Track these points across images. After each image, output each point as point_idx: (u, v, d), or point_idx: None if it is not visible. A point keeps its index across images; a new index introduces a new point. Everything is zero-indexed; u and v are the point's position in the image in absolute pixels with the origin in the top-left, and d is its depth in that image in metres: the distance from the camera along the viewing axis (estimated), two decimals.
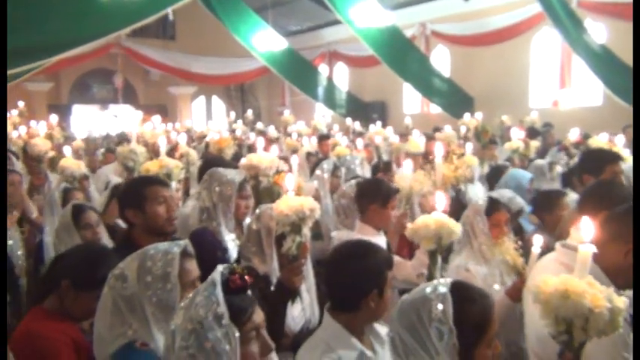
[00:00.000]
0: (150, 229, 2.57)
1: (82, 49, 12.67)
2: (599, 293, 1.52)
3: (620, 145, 4.97)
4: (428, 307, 1.54)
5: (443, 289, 1.57)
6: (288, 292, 2.28)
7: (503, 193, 3.32)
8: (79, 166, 4.78)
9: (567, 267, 1.99)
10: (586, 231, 1.64)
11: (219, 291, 1.42)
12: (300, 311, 2.52)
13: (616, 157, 3.33)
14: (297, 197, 2.31)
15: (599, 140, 5.53)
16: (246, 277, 1.51)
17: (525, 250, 2.70)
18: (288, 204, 2.27)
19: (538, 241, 2.44)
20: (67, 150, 5.30)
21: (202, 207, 2.99)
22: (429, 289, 1.59)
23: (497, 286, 2.81)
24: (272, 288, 2.39)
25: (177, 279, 1.72)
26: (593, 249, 1.60)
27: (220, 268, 1.50)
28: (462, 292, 1.58)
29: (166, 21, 16.96)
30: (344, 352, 1.89)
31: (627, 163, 4.16)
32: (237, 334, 1.39)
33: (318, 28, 16.67)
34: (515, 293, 2.56)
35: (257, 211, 2.63)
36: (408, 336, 1.55)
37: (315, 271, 2.68)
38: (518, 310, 2.57)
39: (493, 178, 4.83)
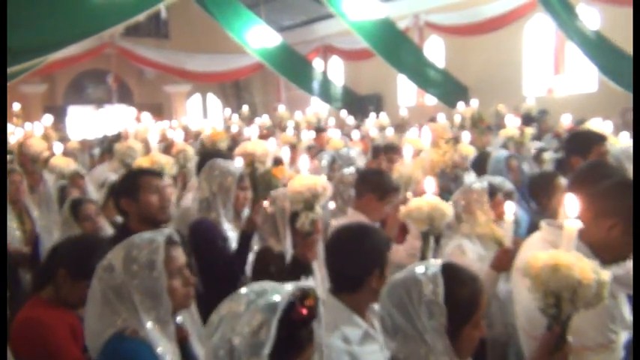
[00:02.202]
0: (144, 218, 2.66)
1: (75, 49, 12.72)
2: (587, 266, 1.55)
3: (609, 129, 4.99)
4: (419, 287, 1.57)
5: (434, 270, 1.60)
6: (302, 266, 2.40)
7: (492, 179, 3.34)
8: (68, 164, 4.83)
9: (553, 244, 2.00)
10: (571, 207, 1.65)
11: (274, 321, 1.26)
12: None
13: (602, 138, 3.36)
14: (310, 176, 2.46)
15: (592, 125, 5.55)
16: (316, 307, 1.34)
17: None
18: (301, 182, 2.41)
19: (510, 209, 2.49)
20: (57, 148, 5.34)
21: (202, 198, 3.02)
22: (420, 270, 1.62)
23: None
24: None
25: (162, 266, 1.73)
26: (579, 224, 1.62)
27: (291, 288, 1.33)
28: (452, 274, 1.61)
29: (159, 19, 16.99)
30: (350, 329, 1.94)
31: (617, 145, 4.19)
32: None
33: (311, 22, 16.64)
34: (498, 263, 2.60)
35: (270, 196, 2.73)
36: (398, 314, 1.58)
37: None
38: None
39: (478, 164, 4.82)
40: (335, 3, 11.20)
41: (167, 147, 6.02)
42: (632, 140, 4.53)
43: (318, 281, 2.64)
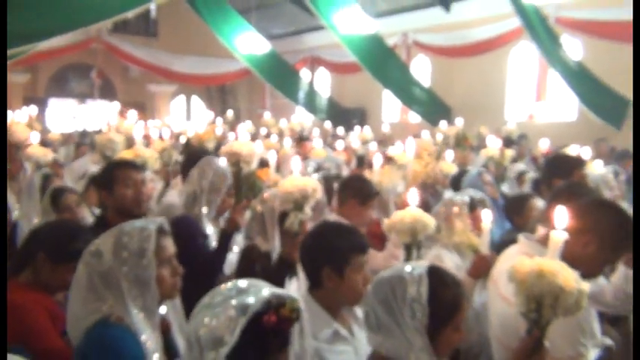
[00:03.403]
0: (119, 211, 2.68)
1: (60, 41, 12.57)
2: (570, 275, 1.63)
3: (588, 156, 5.13)
4: (404, 286, 1.63)
5: (420, 270, 1.66)
6: (288, 266, 2.44)
7: (474, 193, 3.42)
8: (45, 154, 4.80)
9: (530, 257, 2.08)
10: (559, 218, 1.72)
11: (242, 322, 1.28)
12: (297, 289, 2.62)
13: (583, 162, 3.49)
14: (301, 177, 2.52)
15: (571, 151, 5.69)
16: (289, 318, 1.33)
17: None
18: (292, 183, 2.47)
19: (487, 216, 2.55)
20: (34, 137, 5.32)
21: (189, 191, 3.04)
22: (406, 269, 1.67)
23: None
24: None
25: (153, 255, 1.74)
26: (565, 235, 1.69)
27: (268, 295, 1.33)
28: (437, 276, 1.67)
29: (149, 18, 16.88)
30: (318, 326, 1.95)
31: (595, 172, 4.31)
32: None
33: (301, 32, 16.75)
34: (474, 270, 2.66)
35: (260, 196, 2.82)
36: (382, 311, 1.63)
37: None
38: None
39: (455, 181, 4.93)
40: (326, 15, 11.30)
41: (146, 144, 6.01)
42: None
43: (301, 282, 2.67)
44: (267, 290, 1.35)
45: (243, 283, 1.39)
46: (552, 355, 1.82)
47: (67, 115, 16.58)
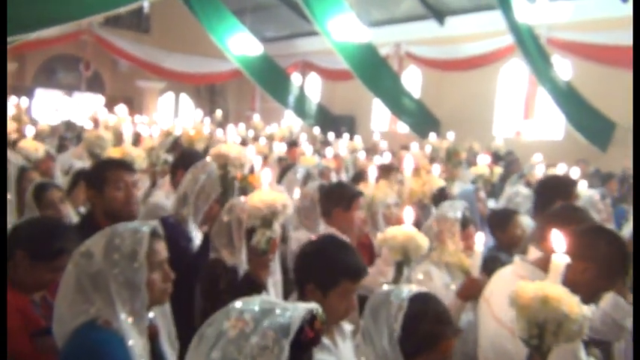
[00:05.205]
0: (108, 212, 2.60)
1: (50, 31, 12.38)
2: (574, 301, 1.61)
3: (576, 177, 5.17)
4: (387, 307, 1.66)
5: (405, 296, 1.67)
6: (255, 285, 2.29)
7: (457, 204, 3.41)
8: (37, 149, 4.69)
9: (524, 279, 2.07)
10: (559, 243, 1.72)
11: (287, 344, 1.19)
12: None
13: (576, 181, 3.55)
14: (270, 192, 2.33)
15: (559, 171, 5.74)
16: (322, 330, 1.28)
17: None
18: (261, 198, 2.28)
19: (480, 239, 2.55)
20: (29, 131, 5.18)
21: (180, 193, 2.99)
22: (394, 293, 1.70)
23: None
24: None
25: (144, 258, 1.70)
26: (567, 259, 1.68)
27: (303, 311, 1.26)
28: (419, 305, 1.67)
29: (141, 13, 16.81)
30: None
31: (584, 193, 4.34)
32: None
33: (294, 37, 16.75)
34: (465, 292, 2.64)
35: (228, 203, 2.65)
36: (372, 325, 1.67)
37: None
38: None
39: (438, 198, 4.93)
40: (321, 21, 11.31)
41: (135, 141, 5.94)
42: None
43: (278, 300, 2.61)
44: (298, 306, 1.28)
45: (256, 303, 1.29)
46: None
47: (52, 106, 16.36)
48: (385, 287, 1.74)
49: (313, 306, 1.30)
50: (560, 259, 1.69)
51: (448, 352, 1.67)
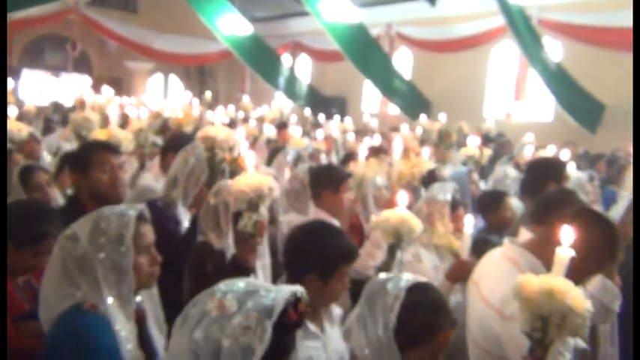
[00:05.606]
0: (93, 195, 2.58)
1: (36, 10, 12.23)
2: (579, 294, 1.59)
3: (566, 159, 5.18)
4: (384, 296, 1.63)
5: (403, 285, 1.64)
6: (242, 269, 2.27)
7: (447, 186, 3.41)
8: (20, 130, 4.61)
9: (513, 262, 2.08)
10: (565, 235, 1.70)
11: (270, 325, 1.20)
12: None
13: (566, 163, 3.58)
14: (256, 175, 2.31)
15: (548, 154, 5.75)
16: (306, 313, 1.29)
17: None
18: (247, 181, 2.26)
19: (469, 221, 2.55)
20: (12, 111, 5.11)
21: (171, 175, 2.97)
22: (392, 281, 1.67)
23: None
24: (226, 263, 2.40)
25: (131, 242, 1.68)
26: (572, 252, 1.67)
27: (287, 293, 1.26)
28: (417, 296, 1.64)
29: None
30: None
31: (573, 175, 4.36)
32: None
33: (284, 17, 16.58)
34: (454, 273, 2.65)
35: (215, 186, 2.63)
36: (368, 313, 1.65)
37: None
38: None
39: (428, 180, 4.92)
40: (311, 1, 11.21)
41: (123, 123, 5.88)
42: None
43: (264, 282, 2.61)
44: (282, 288, 1.29)
45: (240, 284, 1.29)
46: None
47: (38, 87, 16.14)
48: (382, 275, 1.72)
49: (297, 288, 1.30)
50: (565, 252, 1.67)
51: (444, 343, 1.65)
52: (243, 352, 1.19)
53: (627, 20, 8.01)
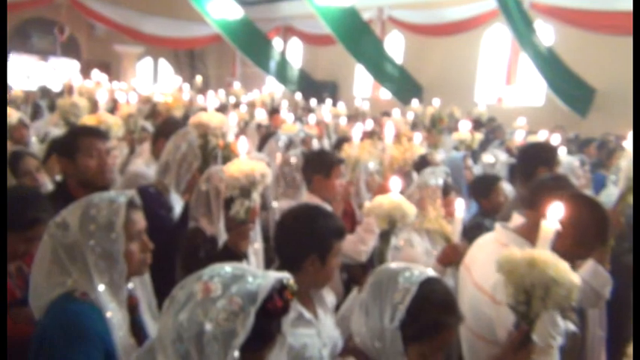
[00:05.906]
0: (81, 181, 2.55)
1: None
2: (562, 266, 1.58)
3: (557, 143, 5.19)
4: (394, 287, 1.61)
5: (415, 279, 1.62)
6: (234, 255, 2.26)
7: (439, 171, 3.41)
8: (9, 115, 4.55)
9: (506, 246, 2.08)
10: (554, 210, 1.70)
11: (253, 310, 1.20)
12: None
13: (557, 148, 3.59)
14: (248, 161, 2.29)
15: (539, 139, 5.75)
16: (291, 300, 1.29)
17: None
18: (239, 167, 2.23)
19: (460, 205, 2.55)
20: None
21: (163, 161, 2.95)
22: (404, 274, 1.64)
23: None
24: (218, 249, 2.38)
25: (122, 229, 1.66)
26: (557, 225, 1.66)
27: (273, 279, 1.26)
28: (428, 290, 1.61)
29: None
30: None
31: (564, 159, 4.37)
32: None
33: (275, 0, 16.43)
34: (445, 258, 2.65)
35: (206, 172, 2.61)
36: (372, 301, 1.62)
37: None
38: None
39: (420, 165, 4.92)
40: None
41: (112, 108, 5.82)
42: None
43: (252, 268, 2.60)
44: (268, 274, 1.28)
45: (227, 269, 1.29)
46: None
47: (26, 72, 15.95)
48: (393, 265, 1.69)
49: (284, 275, 1.30)
50: (550, 225, 1.66)
51: (449, 340, 1.65)
52: (225, 336, 1.19)
53: (619, 4, 8.03)
